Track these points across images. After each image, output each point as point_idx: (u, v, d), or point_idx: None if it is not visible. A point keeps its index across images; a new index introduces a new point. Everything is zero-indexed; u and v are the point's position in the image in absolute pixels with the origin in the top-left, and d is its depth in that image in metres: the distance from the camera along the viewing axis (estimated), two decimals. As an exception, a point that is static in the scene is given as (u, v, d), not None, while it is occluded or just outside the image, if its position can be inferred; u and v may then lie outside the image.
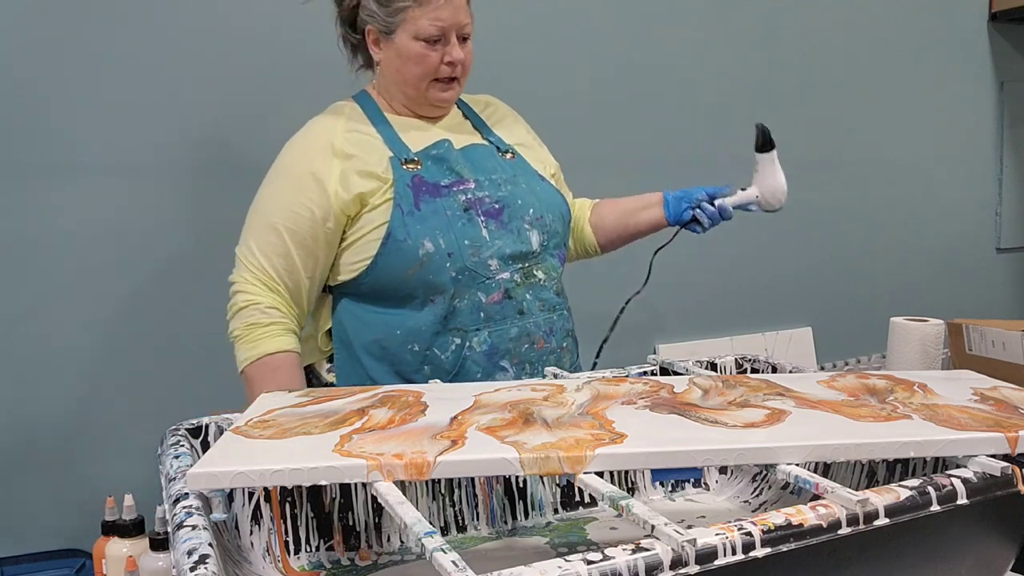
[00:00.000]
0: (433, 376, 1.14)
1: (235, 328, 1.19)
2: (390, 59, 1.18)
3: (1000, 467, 0.70)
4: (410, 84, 1.18)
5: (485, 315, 1.15)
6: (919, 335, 1.33)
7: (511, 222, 1.18)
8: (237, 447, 0.74)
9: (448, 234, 1.13)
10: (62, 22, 1.50)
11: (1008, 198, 2.74)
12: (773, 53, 2.27)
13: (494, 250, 1.15)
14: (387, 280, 1.15)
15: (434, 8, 1.12)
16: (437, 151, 1.18)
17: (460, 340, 1.15)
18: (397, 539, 0.93)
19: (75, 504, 1.54)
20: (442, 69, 1.17)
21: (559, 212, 1.24)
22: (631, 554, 0.55)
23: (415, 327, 1.15)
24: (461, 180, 1.17)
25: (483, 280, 1.15)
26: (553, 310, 1.21)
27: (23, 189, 1.50)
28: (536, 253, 1.19)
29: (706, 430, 0.75)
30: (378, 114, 1.22)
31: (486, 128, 1.28)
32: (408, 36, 1.14)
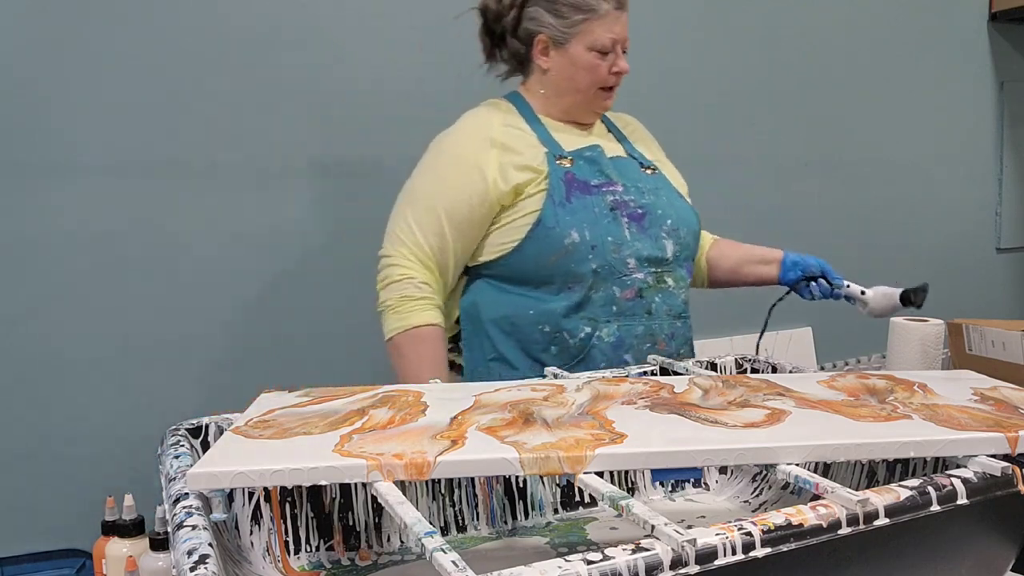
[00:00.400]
0: (558, 357, 1.22)
1: (388, 299, 1.24)
2: (561, 67, 1.26)
3: (1000, 467, 0.70)
4: (580, 91, 1.27)
5: (617, 309, 1.22)
6: (919, 335, 1.33)
7: (651, 228, 1.25)
8: (237, 447, 0.74)
9: (594, 229, 1.20)
10: (62, 22, 1.50)
11: (1008, 198, 2.74)
12: (773, 53, 2.27)
13: (633, 250, 1.22)
14: (529, 263, 1.22)
15: (610, 22, 1.22)
16: (591, 153, 1.26)
17: (591, 328, 1.22)
18: (397, 539, 0.93)
19: (75, 504, 1.54)
20: (608, 78, 1.26)
21: (692, 229, 1.31)
22: (631, 554, 0.55)
23: (549, 310, 1.21)
24: (610, 182, 1.24)
25: (620, 276, 1.22)
26: (678, 317, 1.28)
27: (23, 189, 1.50)
28: (669, 261, 1.26)
29: (706, 430, 0.75)
30: (531, 114, 1.30)
31: (628, 143, 1.36)
32: (583, 47, 1.23)
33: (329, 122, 1.74)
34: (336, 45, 1.73)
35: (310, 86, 1.71)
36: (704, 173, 2.21)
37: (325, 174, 1.73)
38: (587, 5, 1.21)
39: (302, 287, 1.75)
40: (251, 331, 1.70)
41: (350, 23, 1.74)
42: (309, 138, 1.72)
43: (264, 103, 1.67)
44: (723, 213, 2.22)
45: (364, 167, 1.62)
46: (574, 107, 1.29)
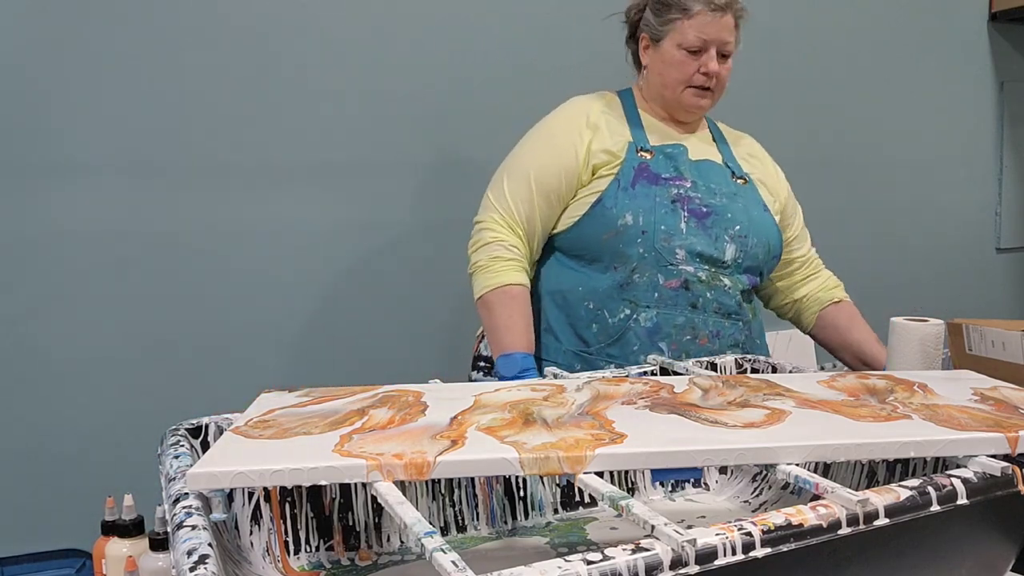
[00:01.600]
0: (599, 335, 1.26)
1: (479, 260, 1.29)
2: (655, 64, 1.32)
3: (1000, 467, 0.70)
4: (668, 87, 1.31)
5: (659, 296, 1.25)
6: (919, 335, 1.33)
7: (713, 228, 1.27)
8: (237, 447, 0.73)
9: (649, 215, 1.23)
10: (62, 22, 1.50)
11: (1008, 198, 2.74)
12: (773, 53, 2.27)
13: (686, 243, 1.25)
14: (585, 239, 1.27)
15: (701, 23, 1.25)
16: (672, 150, 1.30)
17: (630, 311, 1.25)
18: (397, 539, 0.92)
19: (75, 504, 1.54)
20: (696, 77, 1.28)
21: (766, 242, 1.32)
22: (631, 554, 0.55)
23: (594, 287, 1.27)
24: (679, 177, 1.28)
25: (666, 264, 1.24)
26: (728, 316, 1.28)
27: (23, 189, 1.50)
28: (726, 263, 1.28)
29: (706, 430, 0.75)
30: (632, 108, 1.35)
31: (728, 151, 1.39)
32: (673, 44, 1.28)
33: (331, 122, 1.74)
34: (338, 45, 1.73)
35: (311, 86, 1.71)
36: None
37: (326, 174, 1.73)
38: (680, 5, 1.27)
39: (303, 287, 1.75)
40: (251, 331, 1.70)
41: (353, 23, 1.74)
42: (310, 138, 1.72)
43: (265, 103, 1.67)
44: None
45: (366, 167, 1.62)
46: (669, 104, 1.34)
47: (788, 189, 1.47)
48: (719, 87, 1.32)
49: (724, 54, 1.29)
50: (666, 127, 1.35)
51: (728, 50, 1.29)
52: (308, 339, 1.76)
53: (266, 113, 1.67)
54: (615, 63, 1.44)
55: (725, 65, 1.30)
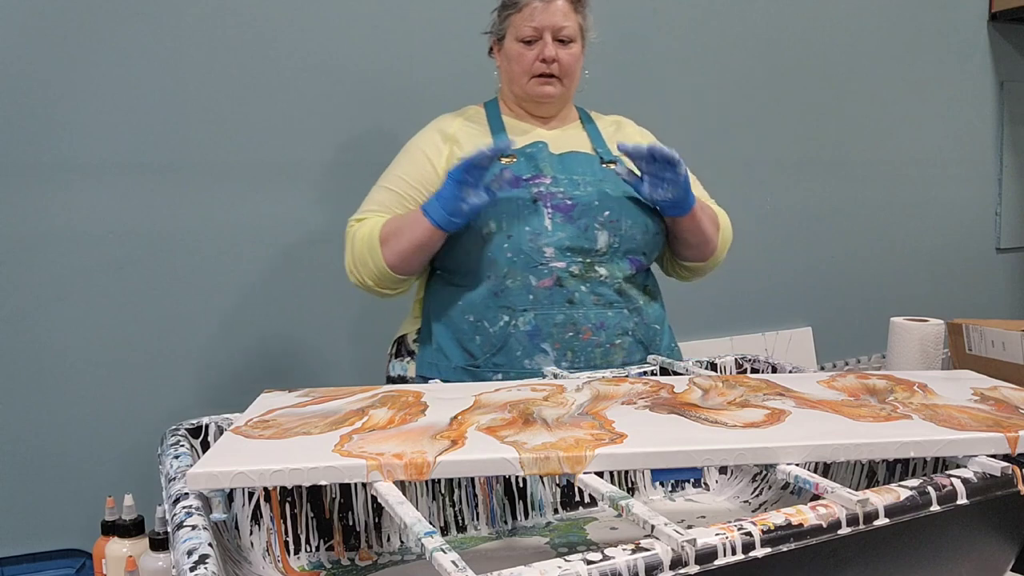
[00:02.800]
0: (483, 346, 1.25)
1: (357, 244, 1.28)
2: (503, 63, 1.35)
3: (1000, 467, 0.70)
4: (515, 82, 1.33)
5: (534, 298, 1.23)
6: (919, 335, 1.33)
7: (580, 219, 1.25)
8: (237, 447, 0.74)
9: (512, 219, 1.24)
10: (62, 23, 1.50)
11: (1008, 198, 2.74)
12: (773, 53, 2.27)
13: (553, 240, 1.24)
14: (456, 254, 1.27)
15: (530, 13, 1.28)
16: (531, 149, 1.30)
17: (508, 317, 1.24)
18: (397, 539, 0.93)
19: (75, 504, 1.54)
20: (536, 66, 1.30)
21: (643, 222, 1.29)
22: (631, 554, 0.55)
23: (473, 299, 1.26)
24: (539, 175, 1.27)
25: (536, 265, 1.23)
26: (610, 306, 1.26)
27: (23, 189, 1.50)
28: (601, 252, 1.26)
29: (706, 430, 0.75)
30: (496, 115, 1.37)
31: (599, 138, 1.38)
32: (512, 39, 1.31)
33: (332, 122, 1.74)
34: (340, 45, 1.73)
35: (312, 86, 1.71)
36: (704, 173, 2.21)
37: (327, 173, 1.73)
38: (511, 1, 1.30)
39: (303, 287, 1.75)
40: (252, 331, 1.71)
41: (355, 23, 1.74)
42: (311, 138, 1.72)
43: (265, 103, 1.67)
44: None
45: (366, 167, 1.62)
46: (522, 100, 1.35)
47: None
48: (565, 73, 1.31)
49: (561, 40, 1.29)
50: (529, 125, 1.36)
51: (565, 35, 1.29)
52: (309, 339, 1.76)
53: (269, 113, 1.67)
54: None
55: (567, 50, 1.30)
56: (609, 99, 2.05)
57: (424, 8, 1.81)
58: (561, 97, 1.34)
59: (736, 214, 2.31)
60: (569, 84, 1.34)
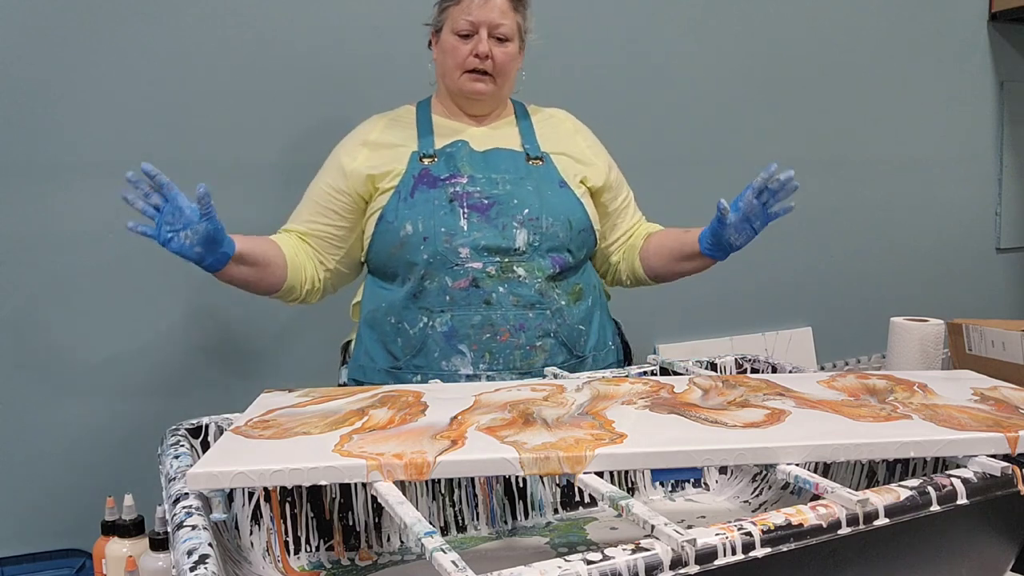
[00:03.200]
0: (404, 348, 1.24)
1: None
2: (438, 55, 1.33)
3: (1000, 467, 0.70)
4: (447, 75, 1.30)
5: (451, 299, 1.22)
6: (919, 335, 1.33)
7: (498, 218, 1.24)
8: (237, 447, 0.74)
9: (428, 220, 1.22)
10: (62, 23, 1.50)
11: (1008, 198, 2.74)
12: (773, 53, 2.27)
13: (469, 240, 1.22)
14: (379, 257, 1.28)
15: (467, 6, 1.26)
16: (451, 149, 1.29)
17: (426, 319, 1.23)
18: (397, 539, 0.93)
19: (75, 504, 1.54)
20: (469, 60, 1.27)
21: (566, 219, 1.27)
22: (631, 554, 0.55)
23: (393, 301, 1.26)
24: (456, 175, 1.26)
25: (452, 266, 1.22)
26: (530, 307, 1.23)
27: (23, 189, 1.50)
28: (520, 251, 1.24)
29: (706, 430, 0.75)
30: (426, 115, 1.35)
31: (530, 134, 1.35)
32: (448, 31, 1.28)
33: (332, 122, 1.73)
34: (341, 46, 1.73)
35: (313, 86, 1.71)
36: (704, 173, 2.21)
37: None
38: None
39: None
40: (252, 331, 1.70)
41: (356, 23, 1.74)
42: (312, 138, 1.72)
43: (265, 103, 1.67)
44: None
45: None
46: (453, 96, 1.33)
47: (609, 163, 1.41)
48: (500, 71, 1.29)
49: (498, 37, 1.27)
50: (460, 124, 1.34)
51: (501, 33, 1.27)
52: (309, 339, 1.76)
53: (269, 113, 1.67)
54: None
55: (502, 49, 1.28)
56: (609, 99, 2.05)
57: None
58: (493, 96, 1.31)
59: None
60: (502, 83, 1.31)
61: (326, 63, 1.72)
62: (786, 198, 1.22)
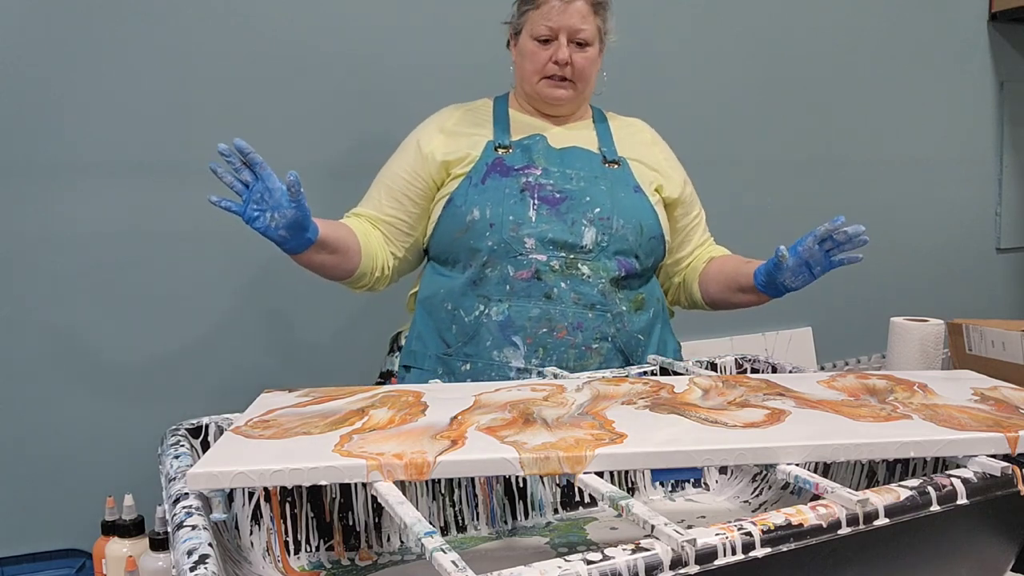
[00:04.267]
0: (458, 335, 1.24)
1: None
2: (517, 58, 1.33)
3: (1000, 467, 0.70)
4: (526, 80, 1.30)
5: (511, 288, 1.21)
6: (919, 335, 1.33)
7: (568, 213, 1.23)
8: (237, 447, 0.74)
9: (497, 207, 1.22)
10: (62, 22, 1.50)
11: (1008, 198, 2.74)
12: (773, 53, 2.27)
13: (536, 231, 1.21)
14: (443, 241, 1.27)
15: (547, 11, 1.24)
16: (528, 141, 1.29)
17: (483, 306, 1.22)
18: (397, 539, 0.93)
19: (75, 504, 1.54)
20: (549, 67, 1.27)
21: (637, 223, 1.26)
22: (631, 554, 0.55)
23: (452, 287, 1.25)
24: (530, 166, 1.26)
25: (515, 255, 1.21)
26: (591, 307, 1.22)
27: (23, 189, 1.50)
28: (586, 248, 1.23)
29: (706, 430, 0.75)
30: (503, 109, 1.35)
31: (608, 137, 1.35)
32: (528, 36, 1.28)
33: (333, 122, 1.73)
34: (341, 45, 1.72)
35: (313, 87, 1.71)
36: (704, 173, 2.21)
37: (328, 174, 1.73)
38: None
39: (304, 287, 1.74)
40: (252, 331, 1.70)
41: (356, 24, 1.74)
42: (312, 138, 1.72)
43: (266, 103, 1.67)
44: (723, 213, 2.22)
45: (367, 167, 1.62)
46: (531, 98, 1.33)
47: (685, 178, 1.41)
48: (579, 77, 1.28)
49: (578, 42, 1.26)
50: (537, 121, 1.34)
51: (581, 38, 1.26)
52: (309, 339, 1.76)
53: (269, 113, 1.67)
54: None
55: (582, 54, 1.27)
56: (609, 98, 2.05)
57: (439, 2, 1.80)
58: (573, 100, 1.32)
59: (736, 214, 2.31)
60: (583, 88, 1.31)
61: (328, 63, 1.72)
62: (853, 250, 1.21)
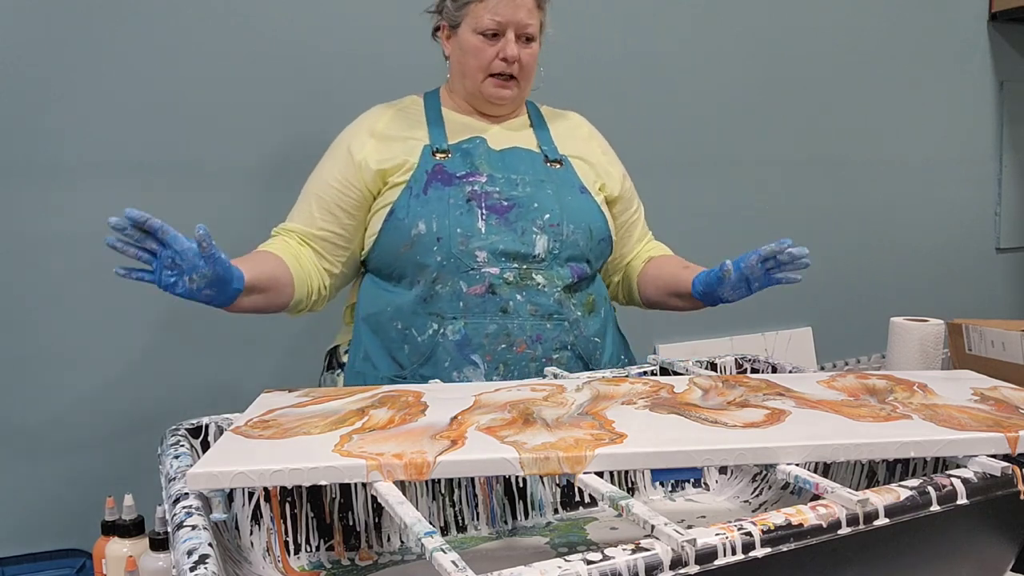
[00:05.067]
0: (411, 356, 1.17)
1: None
2: (455, 53, 1.24)
3: (1000, 467, 0.70)
4: (468, 77, 1.23)
5: (464, 305, 1.15)
6: (919, 335, 1.33)
7: (517, 221, 1.17)
8: (237, 447, 0.74)
9: (443, 220, 1.15)
10: (62, 22, 1.50)
11: (1008, 198, 2.74)
12: (773, 53, 2.27)
13: (486, 243, 1.15)
14: (385, 256, 1.20)
15: (494, 4, 1.17)
16: (468, 145, 1.22)
17: (437, 325, 1.16)
18: (397, 539, 0.93)
19: (75, 504, 1.54)
20: (495, 64, 1.20)
21: (587, 227, 1.21)
22: (631, 554, 0.55)
23: (400, 305, 1.18)
24: (474, 173, 1.19)
25: (467, 270, 1.15)
26: (548, 318, 1.17)
27: (23, 189, 1.50)
28: (539, 258, 1.17)
29: (706, 430, 0.75)
30: (436, 107, 1.27)
31: (546, 135, 1.29)
32: (469, 30, 1.20)
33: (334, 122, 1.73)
34: (341, 45, 1.72)
35: (313, 87, 1.71)
36: (704, 173, 2.21)
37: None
38: None
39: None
40: (252, 331, 1.70)
41: (356, 24, 1.74)
42: (311, 138, 1.71)
43: (266, 103, 1.67)
44: (723, 213, 2.22)
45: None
46: (472, 97, 1.26)
47: (623, 173, 1.36)
48: (524, 74, 1.23)
49: (526, 37, 1.20)
50: (470, 120, 1.27)
51: (528, 32, 1.20)
52: (309, 339, 1.76)
53: (269, 113, 1.67)
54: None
55: (527, 49, 1.21)
56: (609, 98, 2.05)
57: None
58: (517, 99, 1.26)
59: (736, 214, 2.32)
60: (526, 85, 1.25)
61: (329, 63, 1.72)
62: (794, 271, 1.16)
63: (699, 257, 1.39)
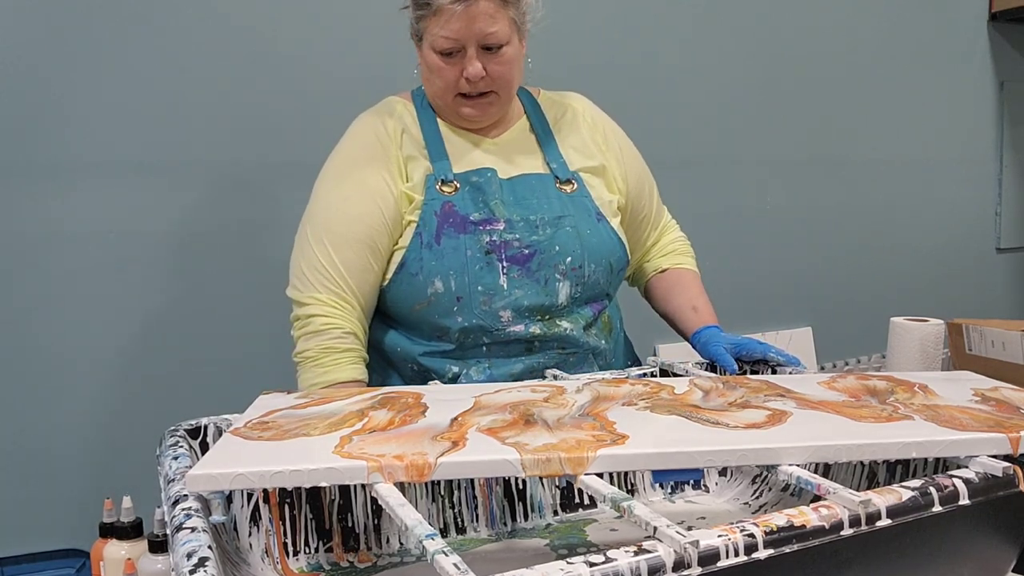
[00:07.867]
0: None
1: (307, 349, 1.08)
2: (422, 67, 1.11)
3: (1002, 467, 0.70)
4: (438, 96, 1.11)
5: (489, 350, 1.10)
6: (919, 335, 1.33)
7: (539, 270, 1.08)
8: (236, 448, 0.73)
9: (461, 276, 1.05)
10: (62, 23, 1.50)
11: (1008, 198, 2.74)
12: (773, 53, 2.26)
13: (510, 300, 1.07)
14: (399, 309, 1.11)
15: (446, 19, 1.01)
16: (478, 178, 1.10)
17: (459, 368, 1.10)
18: (396, 541, 0.92)
19: (75, 504, 1.54)
20: (461, 84, 1.07)
21: (607, 263, 1.13)
22: (633, 556, 0.55)
23: (413, 353, 1.11)
24: (492, 219, 1.07)
25: (492, 331, 1.07)
26: (573, 353, 1.13)
27: (23, 189, 1.50)
28: (563, 306, 1.10)
29: (708, 431, 0.75)
30: (430, 117, 1.14)
31: (551, 145, 1.17)
32: (428, 46, 1.07)
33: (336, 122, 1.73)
34: (341, 45, 1.72)
35: (312, 87, 1.71)
36: (704, 173, 2.21)
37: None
38: (423, 0, 1.03)
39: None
40: (251, 331, 1.70)
41: (357, 24, 1.73)
42: (310, 138, 1.71)
43: (265, 103, 1.67)
44: (723, 213, 2.22)
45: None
46: (446, 114, 1.14)
47: (636, 158, 1.26)
48: (501, 85, 1.08)
49: (489, 46, 1.04)
50: (469, 136, 1.14)
51: (491, 41, 1.04)
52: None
53: (268, 113, 1.67)
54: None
55: (498, 59, 1.05)
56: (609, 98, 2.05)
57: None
58: (499, 109, 1.13)
59: (736, 214, 2.31)
60: (507, 93, 1.11)
61: (328, 63, 1.72)
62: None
63: (699, 257, 1.39)
